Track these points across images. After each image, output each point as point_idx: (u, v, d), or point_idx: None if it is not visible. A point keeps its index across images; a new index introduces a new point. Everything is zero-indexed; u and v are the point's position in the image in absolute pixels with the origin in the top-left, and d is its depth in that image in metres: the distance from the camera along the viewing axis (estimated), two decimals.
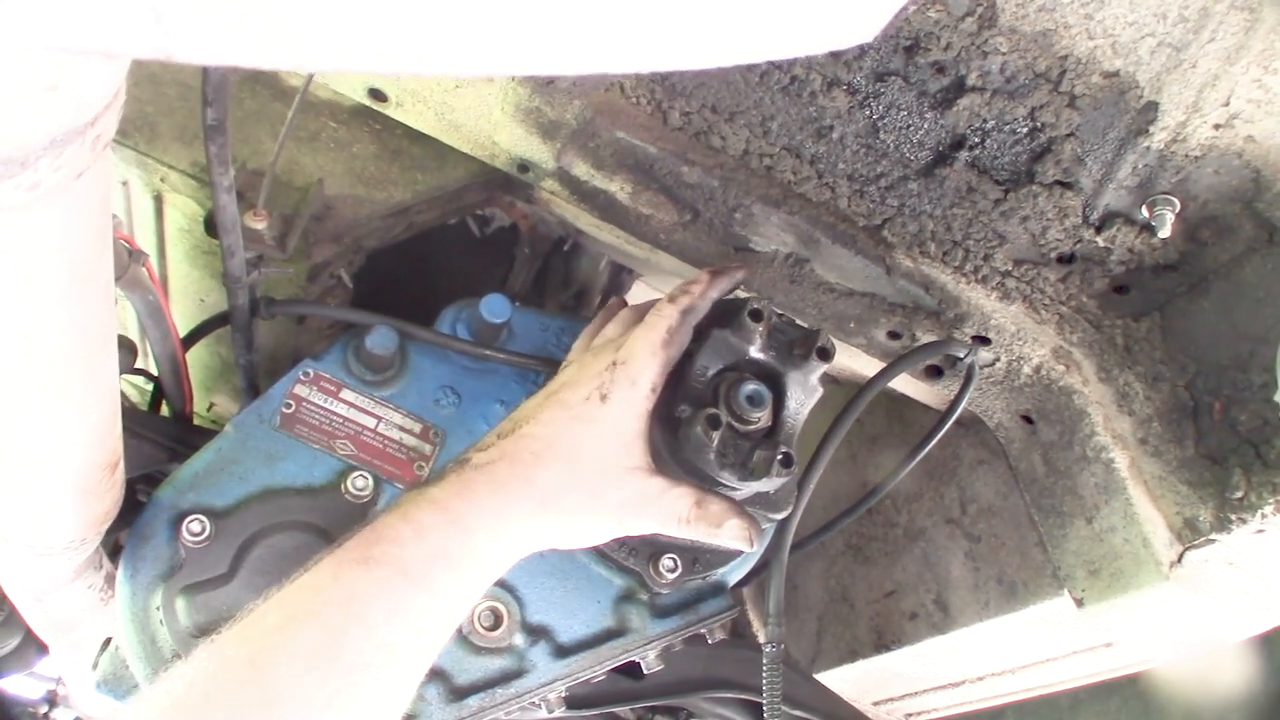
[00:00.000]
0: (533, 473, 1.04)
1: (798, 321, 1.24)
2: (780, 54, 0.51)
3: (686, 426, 1.10)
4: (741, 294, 1.26)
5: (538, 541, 1.07)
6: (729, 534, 1.12)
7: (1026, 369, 1.32)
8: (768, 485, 1.13)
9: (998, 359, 1.33)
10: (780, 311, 1.18)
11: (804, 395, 1.17)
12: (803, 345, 1.17)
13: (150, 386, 1.59)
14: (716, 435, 1.09)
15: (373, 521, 0.99)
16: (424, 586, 0.95)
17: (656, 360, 1.10)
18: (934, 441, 1.32)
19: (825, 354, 1.16)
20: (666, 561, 1.23)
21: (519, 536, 1.04)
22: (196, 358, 1.53)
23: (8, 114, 0.50)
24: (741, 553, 1.28)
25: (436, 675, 1.21)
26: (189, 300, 1.62)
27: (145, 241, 1.52)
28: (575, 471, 1.06)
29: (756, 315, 1.14)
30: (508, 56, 0.44)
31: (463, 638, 1.23)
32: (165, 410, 1.50)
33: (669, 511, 1.10)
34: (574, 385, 1.11)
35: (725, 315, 1.17)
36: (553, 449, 1.06)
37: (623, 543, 1.25)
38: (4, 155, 0.52)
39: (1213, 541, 1.14)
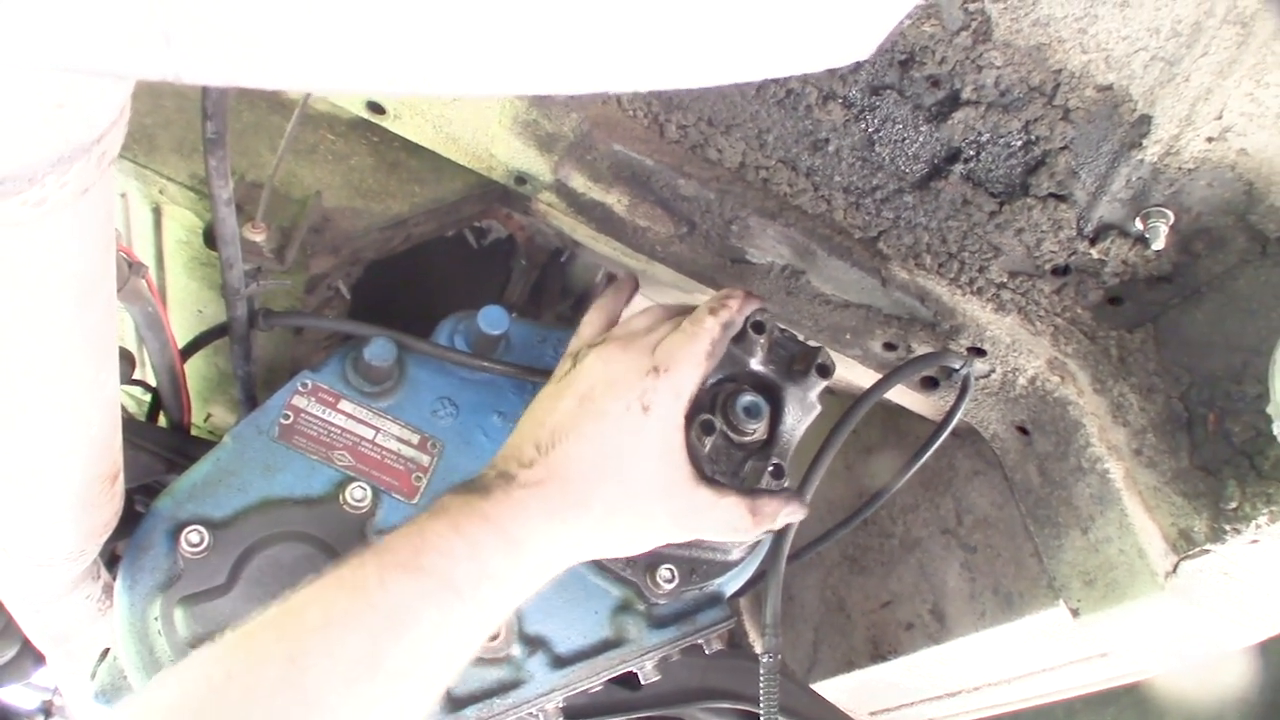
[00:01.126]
0: (585, 495, 1.03)
1: (799, 337, 1.25)
2: (778, 72, 0.52)
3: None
4: None
5: (585, 555, 1.07)
6: (785, 519, 1.14)
7: (1021, 380, 1.33)
8: None
9: (993, 370, 1.34)
10: (783, 326, 1.19)
11: (801, 412, 1.17)
12: (803, 361, 1.18)
13: (148, 397, 1.59)
14: (709, 441, 1.09)
15: (416, 523, 0.98)
16: (470, 601, 0.94)
17: (699, 372, 1.09)
18: (930, 452, 1.32)
19: (825, 371, 1.17)
20: (664, 572, 1.23)
21: (570, 550, 1.04)
22: (194, 369, 1.53)
23: (16, 131, 0.50)
24: (738, 563, 1.28)
25: None
26: (187, 311, 1.62)
27: (143, 253, 1.52)
28: (627, 489, 1.05)
29: (759, 327, 1.14)
30: (511, 77, 0.45)
31: None
32: (163, 421, 1.50)
33: (722, 522, 1.10)
34: (611, 391, 1.07)
35: None
36: (602, 467, 1.04)
37: None
38: (12, 172, 0.52)
39: (1207, 552, 1.15)
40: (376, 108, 1.26)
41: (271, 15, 0.39)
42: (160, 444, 1.42)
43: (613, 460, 1.05)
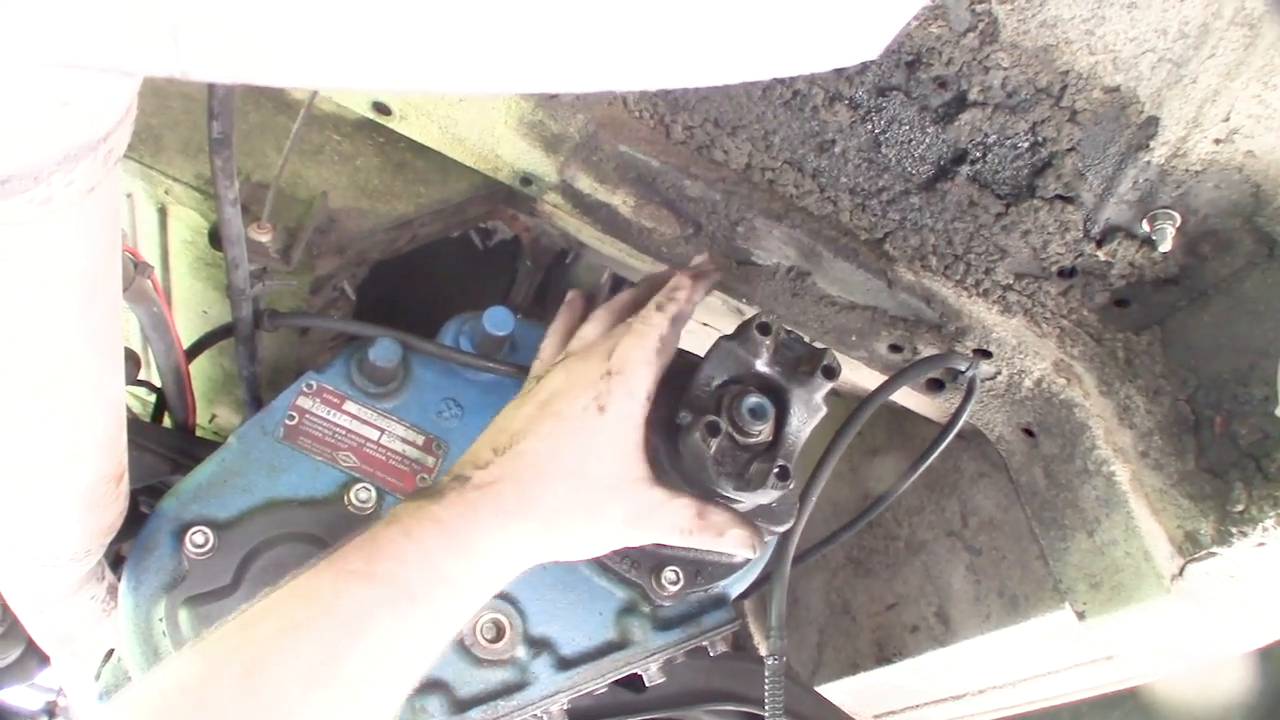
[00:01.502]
0: (537, 493, 1.03)
1: (805, 339, 1.25)
2: (786, 71, 0.52)
3: (686, 433, 1.10)
4: (747, 309, 1.27)
5: (539, 557, 1.07)
6: (732, 542, 1.13)
7: (1027, 382, 1.33)
8: (766, 497, 1.13)
9: (999, 372, 1.33)
10: (789, 328, 1.19)
11: (807, 413, 1.17)
12: (809, 363, 1.17)
13: (153, 398, 1.59)
14: (715, 443, 1.09)
15: (371, 531, 0.98)
16: (425, 606, 0.94)
17: (652, 370, 1.10)
18: (935, 454, 1.32)
19: (831, 372, 1.16)
20: (669, 574, 1.23)
21: (520, 553, 1.04)
22: (199, 369, 1.53)
23: (22, 129, 0.50)
24: (743, 564, 1.28)
25: (438, 687, 1.21)
26: (192, 312, 1.62)
27: (149, 253, 1.52)
28: (579, 488, 1.05)
29: (765, 329, 1.14)
30: (519, 74, 0.45)
31: (465, 650, 1.23)
32: (167, 421, 1.50)
33: (670, 522, 1.10)
34: (567, 395, 1.09)
35: (735, 328, 1.18)
36: (554, 466, 1.05)
37: (624, 554, 1.25)
38: (17, 170, 0.52)
39: (1214, 555, 1.14)
40: (382, 108, 1.26)
41: (279, 11, 0.39)
42: (165, 445, 1.42)
43: (567, 459, 1.06)
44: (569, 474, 1.05)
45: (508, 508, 1.02)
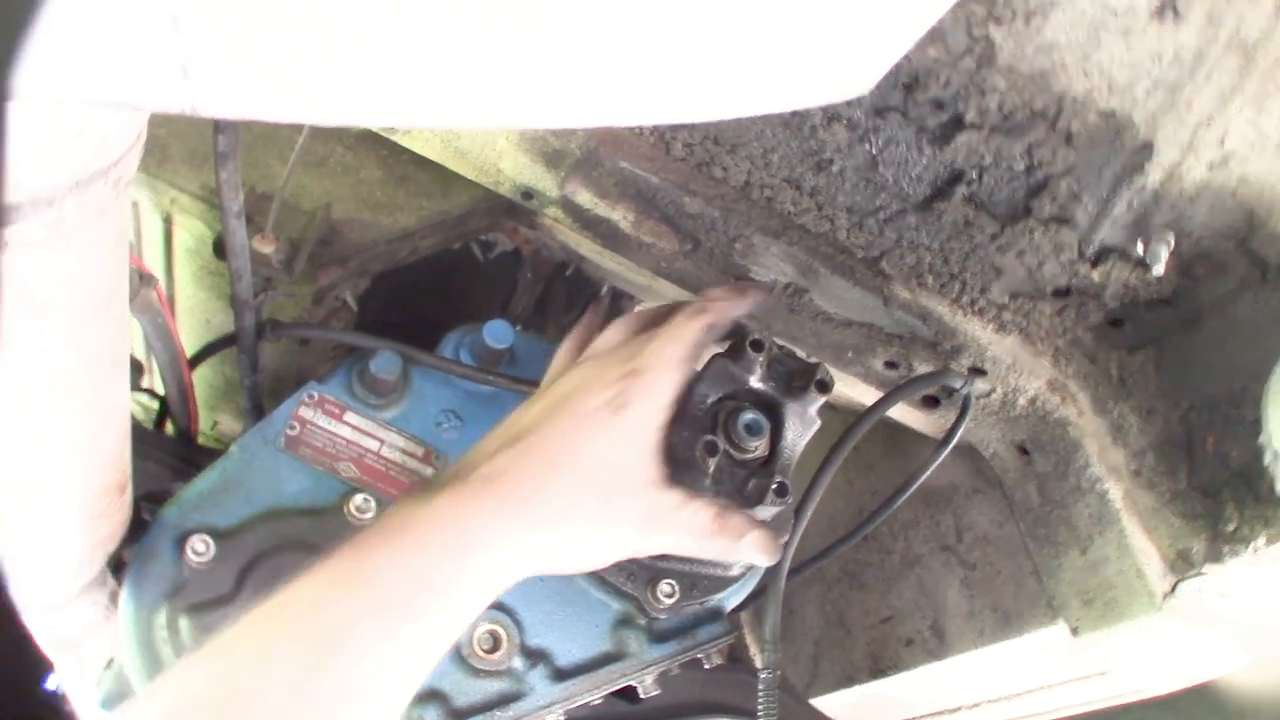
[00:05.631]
0: (545, 485, 0.98)
1: (798, 353, 1.26)
2: (780, 107, 0.53)
3: (683, 452, 1.11)
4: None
5: (543, 563, 1.01)
6: (750, 548, 1.08)
7: (1022, 400, 1.34)
8: (763, 513, 1.14)
9: (994, 390, 1.34)
10: (782, 343, 1.20)
11: (802, 427, 1.18)
12: (802, 377, 1.18)
13: (155, 405, 1.60)
14: (713, 462, 1.10)
15: (358, 536, 0.93)
16: (412, 617, 0.89)
17: (678, 375, 1.06)
18: (930, 470, 1.33)
19: (824, 387, 1.17)
20: (665, 586, 1.24)
21: (524, 556, 0.98)
22: (201, 377, 1.54)
23: (37, 158, 0.51)
24: (739, 578, 1.29)
25: (435, 697, 1.22)
26: (195, 320, 1.64)
27: (153, 262, 1.53)
28: (590, 484, 1.00)
29: (758, 345, 1.15)
30: (519, 111, 0.46)
31: (462, 660, 1.24)
32: (169, 428, 1.51)
33: (689, 525, 1.05)
34: (585, 391, 1.04)
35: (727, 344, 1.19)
36: (566, 460, 0.99)
37: (621, 566, 1.26)
38: (31, 196, 0.54)
39: (1205, 573, 1.15)
40: None
41: (285, 53, 0.40)
42: (167, 452, 1.43)
43: (580, 455, 1.00)
44: (581, 470, 0.99)
45: (511, 501, 0.96)
